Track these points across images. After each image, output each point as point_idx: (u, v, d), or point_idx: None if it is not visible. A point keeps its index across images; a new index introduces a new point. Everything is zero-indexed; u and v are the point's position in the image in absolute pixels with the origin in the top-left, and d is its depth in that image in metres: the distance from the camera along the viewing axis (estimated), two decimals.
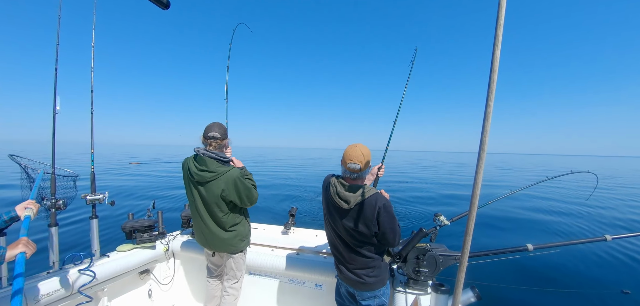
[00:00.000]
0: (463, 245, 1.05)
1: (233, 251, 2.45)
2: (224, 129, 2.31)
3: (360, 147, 1.80)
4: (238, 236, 2.44)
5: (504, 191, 2.79)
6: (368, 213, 1.74)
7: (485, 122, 0.96)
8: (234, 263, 2.52)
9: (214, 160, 2.21)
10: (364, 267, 1.89)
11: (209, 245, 2.46)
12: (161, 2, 1.33)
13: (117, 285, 2.80)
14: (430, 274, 2.19)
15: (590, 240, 2.41)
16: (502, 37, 0.92)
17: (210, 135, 2.22)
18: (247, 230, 2.55)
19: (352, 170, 1.77)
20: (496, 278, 4.23)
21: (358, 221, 1.78)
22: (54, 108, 2.29)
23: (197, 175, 2.22)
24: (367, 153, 1.81)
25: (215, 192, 2.22)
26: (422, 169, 29.87)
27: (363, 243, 1.85)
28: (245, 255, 2.65)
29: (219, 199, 2.24)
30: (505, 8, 0.89)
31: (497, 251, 2.41)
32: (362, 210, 1.76)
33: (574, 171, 2.85)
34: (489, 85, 0.95)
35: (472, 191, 0.99)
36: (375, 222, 1.75)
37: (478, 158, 0.97)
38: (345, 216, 1.83)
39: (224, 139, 2.28)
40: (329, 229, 2.02)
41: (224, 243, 2.40)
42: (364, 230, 1.78)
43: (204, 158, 2.21)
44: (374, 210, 1.73)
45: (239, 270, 2.55)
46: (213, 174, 2.20)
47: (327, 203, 1.98)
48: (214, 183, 2.21)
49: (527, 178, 22.55)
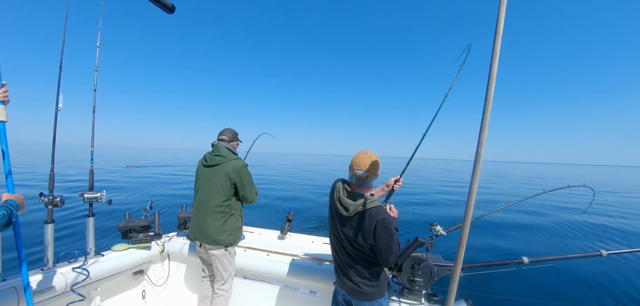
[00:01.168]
0: (456, 256, 1.05)
1: (218, 241, 2.51)
2: (232, 134, 2.79)
3: (369, 154, 1.78)
4: (225, 227, 2.53)
5: (500, 201, 2.80)
6: (366, 225, 1.71)
7: (482, 133, 0.97)
8: (219, 264, 2.57)
9: (226, 148, 2.67)
10: (363, 276, 1.87)
11: (197, 232, 2.59)
12: (166, 6, 1.35)
13: (111, 284, 2.79)
14: (425, 284, 2.19)
15: (586, 254, 2.41)
16: (499, 51, 0.94)
17: (219, 138, 2.75)
18: (237, 226, 2.63)
19: (358, 176, 1.76)
20: (492, 290, 4.21)
21: (357, 231, 1.76)
22: (57, 106, 2.31)
23: (210, 159, 2.64)
24: (376, 161, 1.78)
25: (222, 172, 2.56)
26: (417, 177, 29.88)
27: (360, 253, 1.83)
28: (233, 256, 2.69)
29: (225, 180, 2.55)
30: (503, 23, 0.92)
31: (492, 264, 2.41)
32: (362, 221, 1.73)
33: (570, 185, 2.87)
34: (485, 97, 0.96)
35: (466, 201, 1.00)
36: (371, 234, 1.71)
37: (473, 169, 0.98)
38: (345, 224, 1.81)
39: (231, 141, 2.75)
40: (332, 234, 2.02)
41: (210, 230, 2.51)
42: (360, 241, 1.76)
43: (219, 146, 2.67)
44: (372, 222, 1.70)
45: (225, 270, 2.60)
46: (223, 158, 2.60)
47: (331, 207, 1.97)
48: (222, 166, 2.58)
49: (523, 188, 22.59)
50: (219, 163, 2.59)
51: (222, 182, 2.54)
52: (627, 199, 16.71)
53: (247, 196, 2.64)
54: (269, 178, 23.00)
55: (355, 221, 1.76)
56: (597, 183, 28.69)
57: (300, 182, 21.38)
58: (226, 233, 2.53)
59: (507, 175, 39.65)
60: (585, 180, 30.98)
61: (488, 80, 0.96)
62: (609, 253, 2.28)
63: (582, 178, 38.41)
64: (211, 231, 2.50)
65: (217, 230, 2.50)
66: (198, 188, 2.69)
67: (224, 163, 2.58)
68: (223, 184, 2.55)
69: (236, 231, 2.62)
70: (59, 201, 2.37)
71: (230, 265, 2.65)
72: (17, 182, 1.64)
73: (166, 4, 1.35)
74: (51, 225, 2.36)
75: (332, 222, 1.98)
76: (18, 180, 13.57)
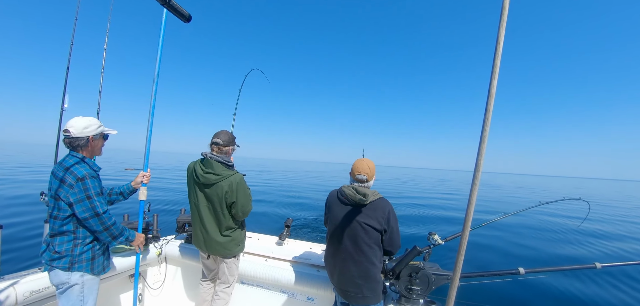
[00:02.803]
0: (455, 265, 1.08)
1: (227, 255, 2.49)
2: (228, 137, 2.41)
3: (366, 161, 2.04)
4: (234, 241, 2.48)
5: (497, 211, 2.83)
6: (383, 209, 1.94)
7: (481, 145, 1.01)
8: (227, 268, 2.55)
9: (219, 163, 2.32)
10: (363, 276, 1.92)
11: (205, 248, 2.48)
12: (183, 15, 1.38)
13: (107, 287, 2.77)
14: (423, 292, 2.21)
15: (580, 266, 2.44)
16: (499, 67, 0.98)
17: (213, 141, 2.37)
18: (242, 236, 2.60)
19: (360, 181, 2.00)
20: (489, 299, 4.22)
21: (372, 216, 1.94)
22: (62, 106, 2.33)
23: (203, 177, 2.30)
24: (373, 166, 2.04)
25: (219, 193, 2.29)
26: (411, 186, 29.93)
27: (371, 241, 1.93)
28: (239, 261, 2.68)
29: (222, 201, 2.31)
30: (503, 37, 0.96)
31: (490, 273, 2.43)
32: (378, 207, 1.95)
33: (566, 198, 2.91)
34: (485, 111, 1.00)
35: (465, 211, 1.03)
36: (387, 218, 1.94)
37: (473, 179, 1.01)
38: (360, 211, 1.96)
39: (226, 146, 2.38)
40: (337, 233, 2.04)
41: (220, 247, 2.43)
42: (376, 225, 1.92)
43: (211, 161, 2.31)
44: (386, 207, 1.96)
45: (231, 274, 2.59)
46: (218, 177, 2.29)
47: (338, 207, 2.05)
48: (219, 185, 2.29)
49: (517, 199, 22.69)
50: (214, 183, 2.30)
51: (220, 202, 2.32)
52: (624, 213, 16.82)
53: (239, 214, 2.41)
54: (268, 183, 22.95)
55: (372, 208, 1.95)
56: (595, 197, 28.90)
57: (299, 187, 21.34)
58: (233, 247, 2.48)
59: (499, 186, 39.84)
60: (582, 193, 31.27)
61: (488, 94, 1.00)
62: (604, 265, 2.31)
63: (577, 191, 38.66)
64: (219, 248, 2.43)
65: (225, 246, 2.44)
66: (195, 206, 2.45)
67: (219, 182, 2.29)
68: (221, 206, 2.34)
69: (242, 242, 2.59)
70: None
71: (237, 269, 2.64)
72: (20, 180, 1.66)
73: (183, 14, 1.39)
74: None
75: (337, 221, 2.03)
76: (21, 178, 13.55)
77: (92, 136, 1.92)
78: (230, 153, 2.46)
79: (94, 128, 1.92)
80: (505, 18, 0.95)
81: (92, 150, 1.96)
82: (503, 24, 0.94)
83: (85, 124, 1.89)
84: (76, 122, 1.87)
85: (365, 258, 1.93)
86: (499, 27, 0.96)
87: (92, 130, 1.91)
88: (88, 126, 1.89)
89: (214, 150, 2.37)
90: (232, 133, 2.48)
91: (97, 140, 1.97)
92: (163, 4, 1.29)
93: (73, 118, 1.91)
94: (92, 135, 1.91)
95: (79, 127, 1.86)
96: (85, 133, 1.88)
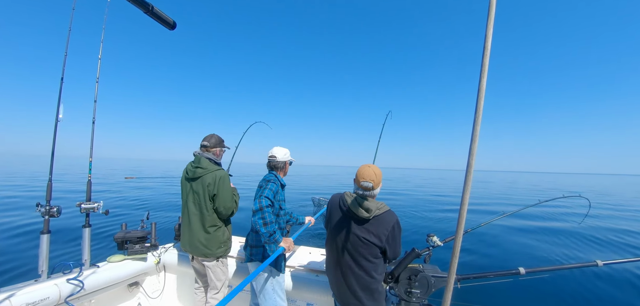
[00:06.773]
0: (449, 266, 1.06)
1: (209, 255, 2.52)
2: (216, 139, 2.70)
3: (372, 167, 1.91)
4: (215, 241, 2.52)
5: (497, 211, 2.82)
6: (384, 227, 1.85)
7: (472, 145, 0.99)
8: (211, 273, 2.58)
9: (207, 159, 2.59)
10: (364, 288, 1.89)
11: (189, 247, 2.58)
12: (167, 22, 1.39)
13: (105, 296, 2.75)
14: (422, 295, 2.19)
15: (581, 264, 2.41)
16: (488, 65, 0.98)
17: (202, 143, 2.67)
18: (226, 237, 2.62)
19: (365, 188, 1.86)
20: (490, 300, 4.19)
21: (374, 232, 1.86)
22: (57, 117, 2.33)
23: (191, 171, 2.56)
24: (379, 173, 1.91)
25: (203, 185, 2.51)
26: (409, 186, 29.81)
27: (372, 255, 1.87)
28: (226, 266, 2.70)
29: (206, 192, 2.50)
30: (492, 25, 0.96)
31: (489, 274, 2.41)
32: (381, 223, 1.86)
33: (566, 195, 2.89)
34: (475, 110, 0.99)
35: (459, 212, 1.02)
36: (388, 236, 1.86)
37: (465, 179, 1.01)
38: (362, 225, 1.88)
39: (213, 147, 2.67)
40: (336, 244, 2.00)
41: (201, 246, 2.51)
42: (376, 241, 1.84)
43: (200, 157, 2.59)
44: (391, 221, 1.87)
45: (218, 279, 2.61)
46: (204, 170, 2.53)
47: (338, 216, 1.99)
48: (203, 178, 2.52)
49: (519, 198, 22.60)
50: (200, 176, 2.52)
51: (204, 196, 2.50)
52: (624, 209, 16.74)
53: (220, 209, 2.52)
54: None
55: (375, 222, 1.86)
56: (596, 193, 28.79)
57: (298, 190, 21.30)
58: (215, 246, 2.54)
59: (492, 180, 39.68)
60: (580, 190, 31.11)
61: (477, 93, 0.99)
62: (605, 263, 2.29)
63: (576, 188, 38.53)
64: (201, 246, 2.51)
65: (206, 244, 2.51)
66: (184, 202, 2.65)
67: (204, 175, 2.51)
68: (204, 198, 2.50)
69: (225, 243, 2.62)
70: (55, 211, 2.36)
71: (223, 274, 2.66)
72: (16, 192, 1.65)
73: (167, 21, 1.39)
74: (47, 235, 2.34)
75: (337, 232, 1.98)
76: (17, 190, 13.47)
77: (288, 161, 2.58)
78: (218, 154, 2.71)
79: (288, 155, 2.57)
80: (492, 15, 0.95)
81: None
82: (490, 21, 0.94)
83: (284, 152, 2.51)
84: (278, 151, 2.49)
85: (365, 272, 1.89)
86: (487, 24, 0.95)
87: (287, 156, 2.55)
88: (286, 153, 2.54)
89: (203, 150, 2.66)
90: (219, 136, 2.75)
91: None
92: (146, 12, 1.29)
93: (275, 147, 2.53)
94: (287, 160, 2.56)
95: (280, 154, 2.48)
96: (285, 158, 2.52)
